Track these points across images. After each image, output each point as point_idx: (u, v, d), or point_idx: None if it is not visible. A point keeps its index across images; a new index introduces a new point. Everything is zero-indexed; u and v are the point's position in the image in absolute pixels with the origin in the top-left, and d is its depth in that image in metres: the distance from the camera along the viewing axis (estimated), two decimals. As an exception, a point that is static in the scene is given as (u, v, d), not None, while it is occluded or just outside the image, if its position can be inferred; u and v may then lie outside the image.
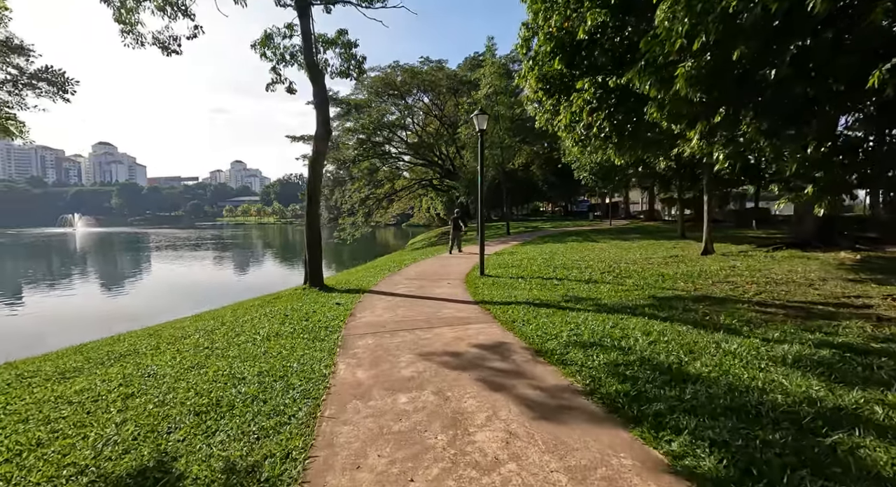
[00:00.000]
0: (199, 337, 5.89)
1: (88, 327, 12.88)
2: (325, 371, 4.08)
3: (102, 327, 12.53)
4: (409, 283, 9.46)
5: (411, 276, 10.65)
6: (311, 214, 9.72)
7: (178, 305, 15.60)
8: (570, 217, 48.90)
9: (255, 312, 7.56)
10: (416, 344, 4.84)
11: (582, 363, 3.91)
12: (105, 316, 14.67)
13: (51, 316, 14.75)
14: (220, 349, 5.11)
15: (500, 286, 8.44)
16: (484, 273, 9.99)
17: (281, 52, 10.86)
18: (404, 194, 38.99)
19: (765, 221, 22.05)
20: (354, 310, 6.92)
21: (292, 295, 8.98)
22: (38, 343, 10.83)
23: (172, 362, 4.69)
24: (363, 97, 30.78)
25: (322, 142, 9.77)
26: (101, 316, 14.79)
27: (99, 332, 10.25)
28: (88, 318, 14.25)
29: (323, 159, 9.95)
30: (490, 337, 5.02)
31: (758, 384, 3.24)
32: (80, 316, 14.80)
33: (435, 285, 9.11)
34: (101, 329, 11.25)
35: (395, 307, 7.03)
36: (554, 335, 4.82)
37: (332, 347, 4.87)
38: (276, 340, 5.33)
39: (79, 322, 13.79)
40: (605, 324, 5.08)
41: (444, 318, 6.08)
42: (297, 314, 6.94)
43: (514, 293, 7.62)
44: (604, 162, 16.46)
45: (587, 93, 9.38)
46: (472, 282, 9.15)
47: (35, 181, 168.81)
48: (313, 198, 9.75)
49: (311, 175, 9.71)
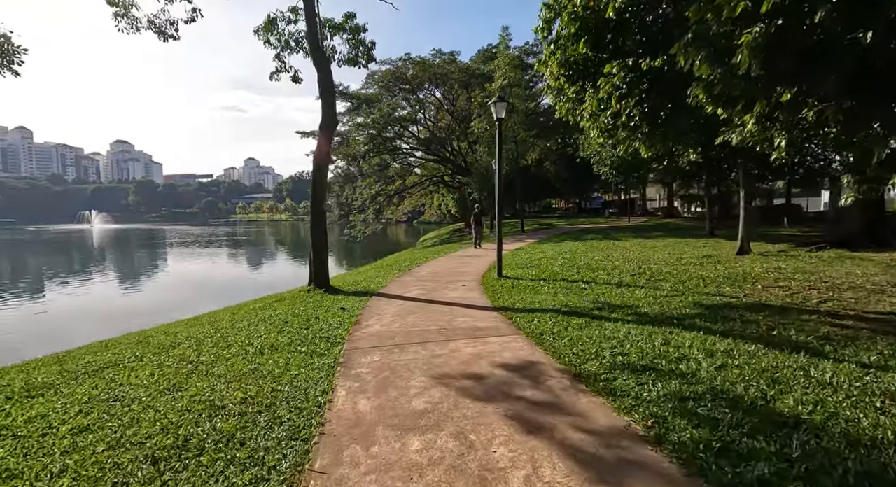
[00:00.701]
0: (187, 348, 5.27)
1: (93, 325, 12.54)
2: (321, 398, 3.39)
3: (106, 325, 12.19)
4: (421, 285, 8.76)
5: (423, 277, 9.94)
6: (316, 211, 9.07)
7: (184, 304, 15.21)
8: (583, 214, 47.62)
9: (254, 317, 6.94)
10: (429, 363, 4.12)
11: (636, 394, 3.14)
12: (111, 313, 14.34)
13: (58, 314, 14.46)
14: (206, 364, 4.47)
15: (521, 289, 7.67)
16: (502, 274, 9.23)
17: (286, 39, 10.22)
18: (415, 191, 38.29)
19: (796, 218, 20.77)
20: (360, 317, 6.24)
21: (295, 298, 8.35)
22: (37, 342, 10.48)
23: (149, 381, 4.06)
24: (373, 91, 30.07)
25: (327, 134, 9.10)
26: (106, 313, 14.47)
27: (100, 331, 10.00)
28: (94, 315, 13.92)
29: (328, 152, 9.27)
30: (516, 354, 4.27)
31: (888, 435, 2.43)
32: (87, 313, 14.48)
33: (449, 287, 8.38)
34: (104, 327, 11.03)
35: (405, 313, 6.32)
36: (594, 353, 4.05)
37: (332, 365, 4.18)
38: (269, 354, 4.66)
39: (85, 319, 13.46)
40: (654, 340, 4.29)
41: (460, 329, 5.35)
42: (297, 320, 6.29)
43: (538, 298, 6.84)
44: (627, 155, 15.49)
45: (616, 78, 8.52)
46: (489, 285, 8.40)
47: (56, 178, 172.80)
48: (318, 194, 9.10)
49: (316, 169, 9.05)
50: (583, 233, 21.79)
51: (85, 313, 14.71)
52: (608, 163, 17.99)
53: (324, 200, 9.19)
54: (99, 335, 9.25)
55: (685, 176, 21.88)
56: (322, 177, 9.15)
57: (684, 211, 41.56)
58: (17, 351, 8.95)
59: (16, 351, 9.23)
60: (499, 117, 8.87)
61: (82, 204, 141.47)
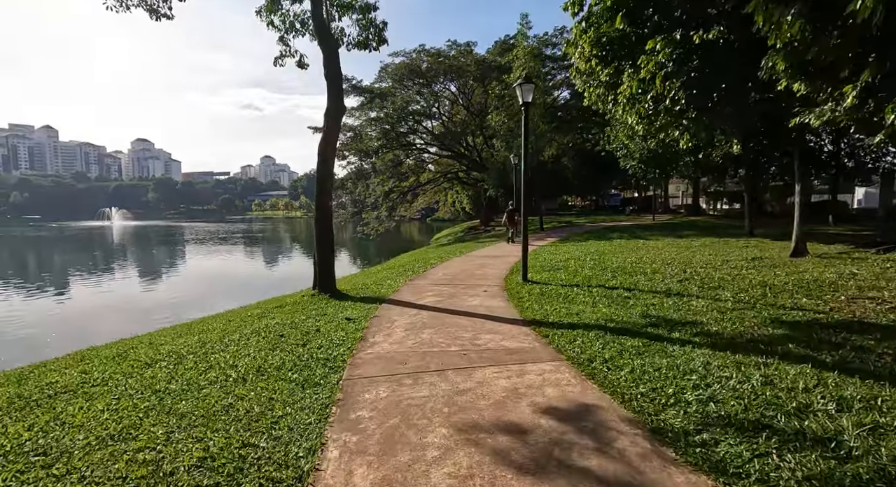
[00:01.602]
0: (163, 368, 4.44)
1: (98, 324, 12.05)
2: (305, 461, 2.47)
3: (111, 324, 11.68)
4: (437, 290, 7.82)
5: (439, 280, 9.00)
6: (321, 207, 8.20)
7: (191, 303, 14.68)
8: (601, 211, 45.99)
9: (248, 327, 6.10)
10: (450, 403, 3.17)
11: (761, 475, 2.13)
12: (120, 311, 13.87)
13: (68, 311, 14.03)
14: (175, 395, 3.61)
15: (552, 297, 6.65)
16: (527, 278, 8.21)
17: (290, 20, 9.36)
18: (429, 188, 37.38)
19: (840, 216, 19.13)
20: (367, 331, 5.33)
21: (297, 304, 7.50)
22: (34, 343, 9.94)
23: (97, 420, 3.21)
24: (387, 85, 29.19)
25: (334, 121, 8.21)
26: (116, 311, 14.02)
27: (100, 331, 9.57)
28: (102, 314, 13.43)
29: (335, 142, 8.38)
30: (563, 391, 3.29)
31: None
32: (95, 311, 13.99)
33: (468, 293, 7.42)
34: (109, 326, 10.86)
35: (419, 327, 5.39)
36: (670, 395, 3.04)
37: (326, 403, 3.26)
38: (253, 382, 3.78)
39: (93, 318, 12.97)
40: (749, 377, 3.24)
41: (487, 350, 4.38)
42: (294, 334, 5.42)
43: (574, 309, 5.83)
44: (658, 147, 14.26)
45: (661, 55, 7.42)
46: (513, 291, 7.41)
47: (79, 176, 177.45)
48: (324, 188, 8.23)
49: (322, 160, 8.17)
50: (606, 231, 20.55)
51: (93, 311, 14.24)
52: (636, 157, 16.71)
53: (330, 196, 8.32)
54: (100, 335, 9.09)
55: (716, 170, 20.44)
56: (328, 169, 8.27)
57: (709, 208, 39.81)
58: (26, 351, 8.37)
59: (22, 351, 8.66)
60: (525, 101, 7.83)
61: (104, 201, 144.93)
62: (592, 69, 9.04)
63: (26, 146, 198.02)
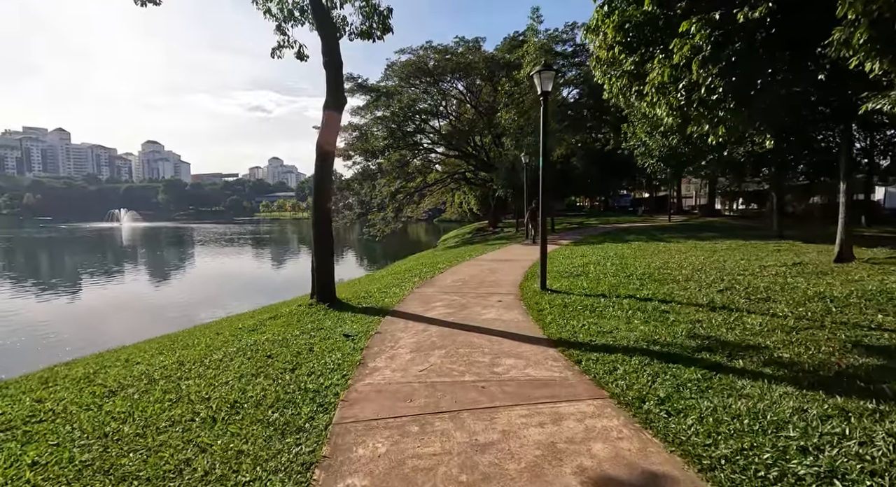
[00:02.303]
0: (125, 399, 3.75)
1: (90, 329, 11.51)
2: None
3: (102, 329, 11.14)
4: (447, 299, 7.07)
5: (448, 287, 8.26)
6: (319, 209, 7.50)
7: (190, 306, 14.11)
8: (611, 212, 44.91)
9: (235, 344, 5.41)
10: (469, 468, 2.41)
11: None
12: (120, 314, 13.32)
13: (61, 314, 13.51)
14: (124, 444, 2.90)
15: (578, 310, 5.87)
16: (546, 286, 7.42)
17: (289, 8, 8.70)
18: (436, 188, 36.66)
19: (873, 217, 18.02)
20: (367, 352, 4.60)
21: (292, 315, 6.80)
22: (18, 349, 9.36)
23: (11, 484, 2.51)
24: (393, 84, 28.52)
25: (334, 113, 7.50)
26: (115, 314, 13.47)
27: (92, 336, 8.94)
28: (100, 319, 12.89)
29: (334, 138, 7.67)
30: (616, 450, 2.52)
31: None
32: (92, 316, 13.46)
33: (482, 303, 6.66)
34: (100, 331, 10.21)
35: (427, 347, 4.64)
36: (770, 465, 2.24)
37: (308, 463, 2.52)
38: (223, 425, 3.06)
39: (91, 322, 12.43)
40: (871, 434, 2.42)
41: (509, 381, 3.62)
42: (284, 354, 4.71)
43: (606, 325, 5.04)
44: (681, 145, 13.37)
45: (698, 37, 6.63)
46: (532, 301, 6.63)
47: (90, 178, 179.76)
48: (322, 189, 7.52)
49: (321, 157, 7.47)
50: (621, 232, 19.66)
51: (90, 314, 13.72)
52: (655, 155, 15.82)
53: (329, 197, 7.62)
54: (91, 340, 9.01)
55: (739, 169, 19.45)
56: (327, 168, 7.56)
57: (724, 209, 38.69)
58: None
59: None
60: (545, 91, 7.06)
61: (115, 202, 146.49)
62: (615, 58, 8.25)
63: (39, 149, 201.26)
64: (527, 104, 21.52)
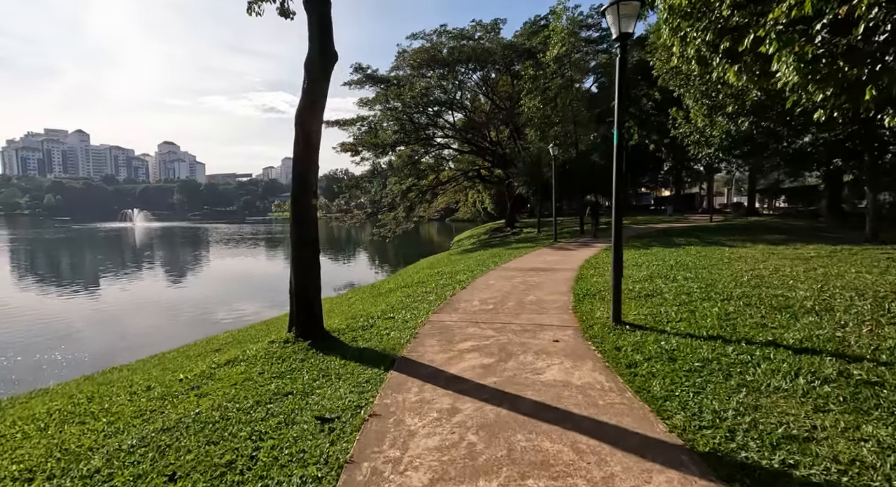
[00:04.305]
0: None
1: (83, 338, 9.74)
2: None
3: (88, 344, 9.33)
4: (479, 337, 4.92)
5: (476, 312, 6.11)
6: (299, 204, 5.41)
7: (182, 312, 12.24)
8: (634, 211, 42.00)
9: (137, 431, 3.37)
10: None
11: None
12: (109, 325, 11.52)
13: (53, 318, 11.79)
14: None
15: (698, 370, 3.65)
16: (621, 318, 5.20)
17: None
18: (449, 186, 34.50)
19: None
20: (355, 466, 2.48)
21: (255, 362, 4.72)
22: None
23: None
24: (404, 73, 26.44)
25: (318, 78, 5.39)
26: (103, 325, 11.70)
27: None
28: (90, 326, 11.10)
29: (320, 108, 5.54)
30: None
31: None
32: (80, 326, 11.69)
33: (532, 345, 4.48)
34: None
35: (460, 459, 2.50)
36: None
37: None
38: None
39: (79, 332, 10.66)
40: None
41: None
42: (202, 467, 2.63)
43: (780, 411, 2.83)
44: (757, 128, 10.90)
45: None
46: (608, 343, 4.43)
47: (108, 179, 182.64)
48: (305, 183, 5.42)
49: (302, 136, 5.37)
50: (662, 235, 17.22)
51: (79, 325, 11.95)
52: (715, 144, 13.33)
53: (313, 188, 5.50)
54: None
55: (798, 160, 16.82)
56: (311, 150, 5.45)
57: (762, 207, 35.86)
58: None
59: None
60: (624, 32, 4.82)
61: (132, 203, 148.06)
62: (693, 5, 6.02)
63: (60, 150, 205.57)
64: (553, 90, 19.21)
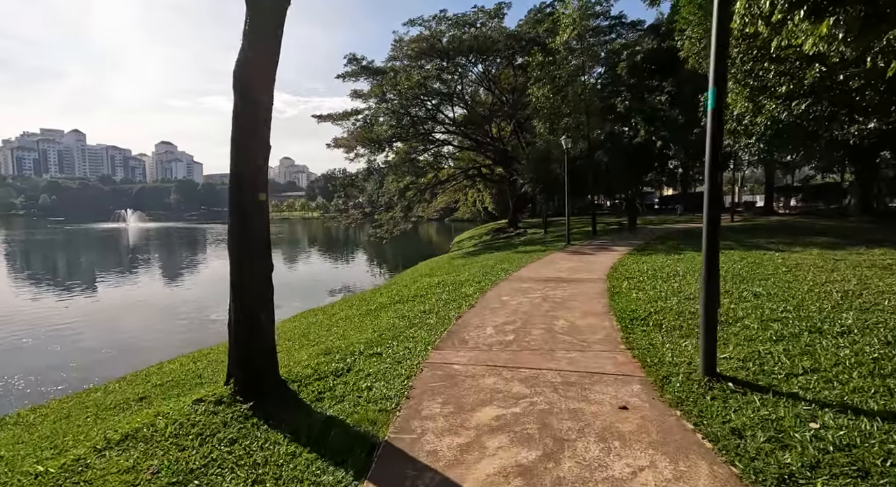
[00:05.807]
0: None
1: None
2: None
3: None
4: (501, 398, 3.26)
5: (493, 347, 4.44)
6: (242, 208, 3.74)
7: (144, 332, 10.57)
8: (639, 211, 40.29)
9: None
10: None
11: None
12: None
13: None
14: None
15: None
16: (716, 370, 3.54)
17: None
18: (449, 185, 32.84)
19: None
20: None
21: (163, 441, 3.06)
22: None
23: None
24: (401, 64, 24.75)
25: (266, 29, 3.71)
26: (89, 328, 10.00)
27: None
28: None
29: (269, 66, 3.83)
30: None
31: None
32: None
33: (588, 423, 2.82)
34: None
35: None
36: None
37: None
38: None
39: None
40: None
41: None
42: None
43: None
44: (812, 113, 9.25)
45: None
46: (710, 418, 2.78)
47: (105, 179, 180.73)
48: (243, 175, 3.74)
49: (245, 100, 3.70)
50: (685, 236, 15.58)
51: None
52: (757, 132, 11.61)
53: (262, 185, 3.83)
54: None
55: (852, 152, 15.15)
56: (254, 120, 3.76)
57: (778, 206, 34.37)
58: None
59: None
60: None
61: (128, 203, 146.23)
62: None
63: (56, 150, 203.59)
64: (563, 79, 17.58)
